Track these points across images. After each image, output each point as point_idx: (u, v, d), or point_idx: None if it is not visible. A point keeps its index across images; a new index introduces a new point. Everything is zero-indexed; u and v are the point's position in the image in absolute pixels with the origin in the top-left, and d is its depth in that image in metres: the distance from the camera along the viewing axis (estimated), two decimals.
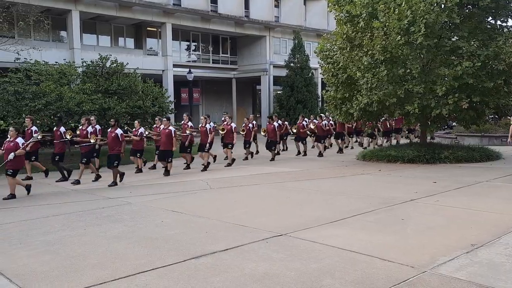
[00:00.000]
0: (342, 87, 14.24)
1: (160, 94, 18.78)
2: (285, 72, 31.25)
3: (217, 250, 5.25)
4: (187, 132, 13.63)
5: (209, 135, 13.17)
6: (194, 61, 31.89)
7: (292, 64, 30.81)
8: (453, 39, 12.63)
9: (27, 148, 10.59)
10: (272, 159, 15.36)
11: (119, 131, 11.36)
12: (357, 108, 13.55)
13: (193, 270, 4.64)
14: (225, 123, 14.46)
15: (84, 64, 18.22)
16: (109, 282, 4.37)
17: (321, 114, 18.29)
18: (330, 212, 7.14)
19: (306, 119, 17.92)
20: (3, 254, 5.39)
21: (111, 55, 18.50)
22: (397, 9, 11.76)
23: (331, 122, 18.06)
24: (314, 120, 17.49)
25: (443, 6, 11.99)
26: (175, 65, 28.43)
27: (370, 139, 19.15)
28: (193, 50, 32.72)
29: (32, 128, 12.14)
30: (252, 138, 16.23)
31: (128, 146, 13.64)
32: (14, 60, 16.89)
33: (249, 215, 7.15)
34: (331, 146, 19.41)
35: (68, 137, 12.21)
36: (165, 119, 13.09)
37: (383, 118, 17.36)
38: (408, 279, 4.24)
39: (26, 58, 16.99)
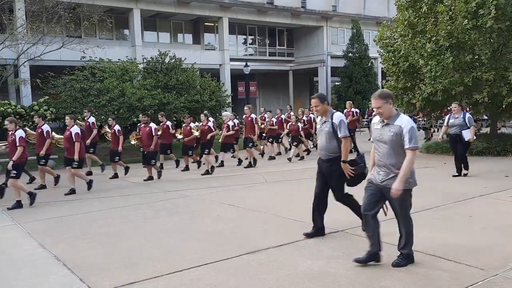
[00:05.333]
0: (404, 76, 13.60)
1: (217, 88, 18.98)
2: (343, 63, 30.45)
3: (271, 245, 5.14)
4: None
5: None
6: (251, 55, 31.92)
7: (350, 54, 29.93)
8: None
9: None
10: (158, 172, 11.12)
11: None
12: (420, 98, 12.90)
13: (246, 266, 4.57)
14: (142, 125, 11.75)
15: (145, 60, 18.78)
16: (164, 275, 4.39)
17: (229, 113, 14.21)
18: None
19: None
20: (66, 245, 5.61)
21: (169, 51, 18.91)
22: None
23: (310, 116, 14.40)
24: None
25: None
26: (232, 59, 28.60)
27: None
28: (249, 44, 32.77)
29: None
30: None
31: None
32: (80, 59, 17.73)
33: (305, 209, 6.93)
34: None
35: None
36: (12, 122, 8.48)
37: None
38: (476, 283, 3.89)
39: (91, 57, 17.78)
